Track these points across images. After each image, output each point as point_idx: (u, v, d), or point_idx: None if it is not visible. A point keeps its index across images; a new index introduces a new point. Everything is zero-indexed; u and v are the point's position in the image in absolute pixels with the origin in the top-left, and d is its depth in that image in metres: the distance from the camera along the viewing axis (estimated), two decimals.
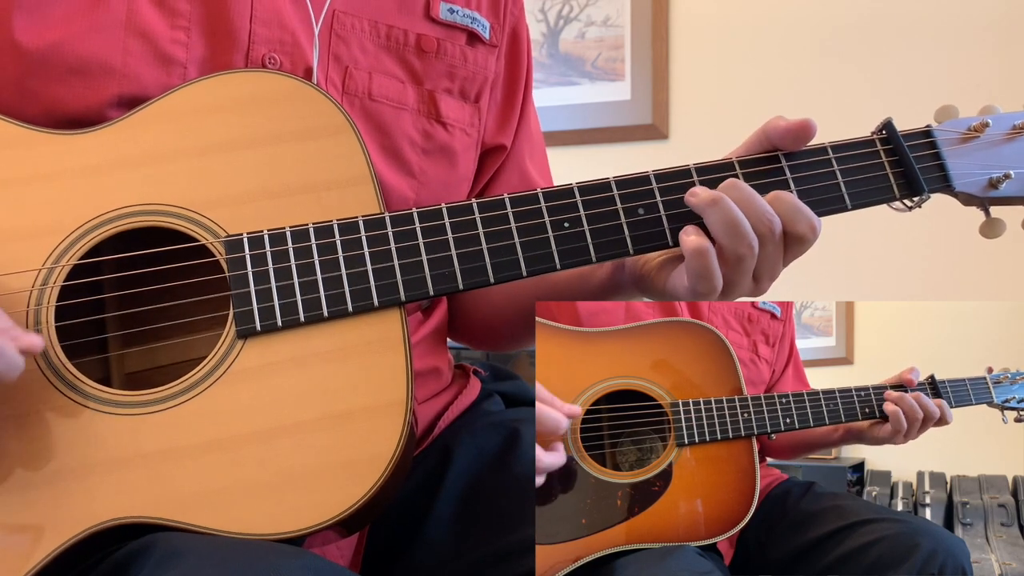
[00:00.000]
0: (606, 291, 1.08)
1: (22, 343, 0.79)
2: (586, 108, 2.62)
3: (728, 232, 0.89)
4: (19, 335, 0.80)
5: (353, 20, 1.04)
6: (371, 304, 0.88)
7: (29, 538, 0.80)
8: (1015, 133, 0.98)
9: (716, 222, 0.89)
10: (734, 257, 0.89)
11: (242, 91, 0.94)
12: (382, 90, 1.05)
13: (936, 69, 2.39)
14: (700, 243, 0.89)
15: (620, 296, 1.08)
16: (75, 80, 0.94)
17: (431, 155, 1.08)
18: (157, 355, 0.96)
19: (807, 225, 0.90)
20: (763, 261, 0.91)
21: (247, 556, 0.75)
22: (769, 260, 0.91)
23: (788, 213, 0.90)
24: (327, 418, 0.84)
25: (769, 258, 0.91)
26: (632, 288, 1.03)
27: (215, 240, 0.89)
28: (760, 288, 0.94)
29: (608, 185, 0.93)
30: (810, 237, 0.91)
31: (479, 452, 1.05)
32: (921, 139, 0.97)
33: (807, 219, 0.90)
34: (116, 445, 0.83)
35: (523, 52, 1.19)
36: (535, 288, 1.15)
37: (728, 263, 0.90)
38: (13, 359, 0.79)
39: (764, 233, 0.89)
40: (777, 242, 0.90)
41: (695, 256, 0.89)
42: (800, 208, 0.90)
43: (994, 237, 0.98)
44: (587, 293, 1.10)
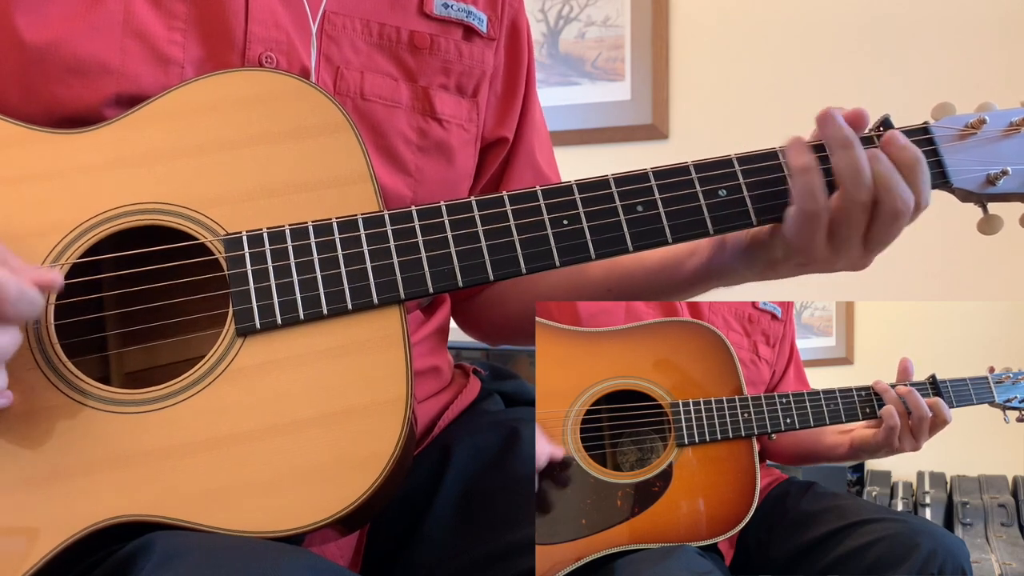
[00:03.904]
0: (700, 279, 1.06)
1: (42, 279, 0.80)
2: (586, 108, 2.62)
3: (852, 176, 0.91)
4: (36, 273, 0.81)
5: (344, 20, 1.04)
6: (371, 302, 0.88)
7: (29, 536, 0.80)
8: (1012, 130, 0.98)
9: (844, 165, 0.91)
10: (852, 203, 0.91)
11: (241, 90, 0.94)
12: (374, 89, 1.04)
13: (935, 68, 2.39)
14: (807, 161, 0.91)
15: (712, 284, 1.07)
16: (73, 79, 0.94)
17: (427, 152, 1.08)
18: (156, 354, 0.96)
19: (926, 197, 0.93)
20: (882, 228, 0.92)
21: (247, 555, 0.75)
22: (891, 230, 0.92)
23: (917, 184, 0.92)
24: (327, 416, 0.84)
25: (893, 228, 0.92)
26: (736, 262, 1.01)
27: (214, 238, 0.89)
28: (868, 260, 0.95)
29: (607, 183, 0.93)
30: (905, 212, 0.92)
31: (479, 451, 1.05)
32: (919, 135, 0.97)
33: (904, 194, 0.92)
34: (116, 443, 0.83)
35: (523, 44, 1.19)
36: (603, 284, 1.14)
37: (840, 211, 0.91)
38: (35, 298, 0.79)
39: (886, 188, 0.91)
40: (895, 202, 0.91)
41: (801, 172, 0.91)
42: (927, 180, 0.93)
43: (992, 233, 0.98)
44: (674, 286, 1.09)
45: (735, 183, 0.95)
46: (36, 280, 0.80)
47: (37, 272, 0.81)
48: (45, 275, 0.82)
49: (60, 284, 0.83)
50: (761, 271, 1.00)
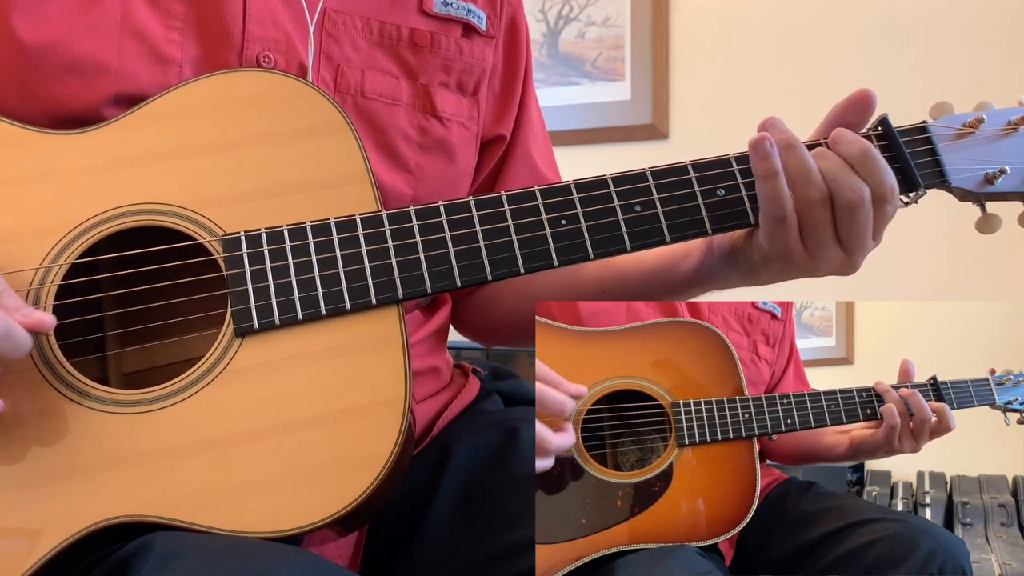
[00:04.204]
0: (693, 281, 1.06)
1: (31, 320, 0.80)
2: (586, 108, 2.62)
3: (800, 176, 0.91)
4: (28, 313, 0.81)
5: (345, 18, 1.04)
6: (369, 302, 0.88)
7: (28, 537, 0.80)
8: (1010, 129, 0.98)
9: (791, 165, 0.91)
10: (806, 202, 0.91)
11: (240, 90, 0.94)
12: (375, 87, 1.04)
13: (933, 67, 2.39)
14: (768, 166, 0.91)
15: (704, 287, 1.07)
16: (71, 79, 0.94)
17: (428, 150, 1.07)
18: (154, 354, 0.96)
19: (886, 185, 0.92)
20: (845, 223, 0.92)
21: (246, 555, 0.75)
22: (855, 224, 0.92)
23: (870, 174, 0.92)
24: (325, 416, 0.84)
25: (855, 221, 0.92)
26: (721, 265, 1.02)
27: (212, 239, 0.89)
28: (853, 262, 0.95)
29: (605, 182, 0.93)
30: (889, 197, 0.92)
31: (478, 451, 1.05)
32: (917, 135, 0.97)
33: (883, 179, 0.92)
34: (114, 444, 0.83)
35: (522, 43, 1.19)
36: (598, 285, 1.14)
37: (800, 212, 0.91)
38: (20, 338, 0.79)
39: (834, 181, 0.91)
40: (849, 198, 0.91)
41: (763, 179, 0.91)
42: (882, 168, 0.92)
43: (990, 232, 0.98)
44: (668, 289, 1.09)
45: (733, 183, 0.95)
46: (26, 322, 0.80)
47: (30, 314, 0.81)
48: (36, 317, 0.81)
49: (51, 327, 0.82)
50: (744, 276, 1.00)
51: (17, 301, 0.82)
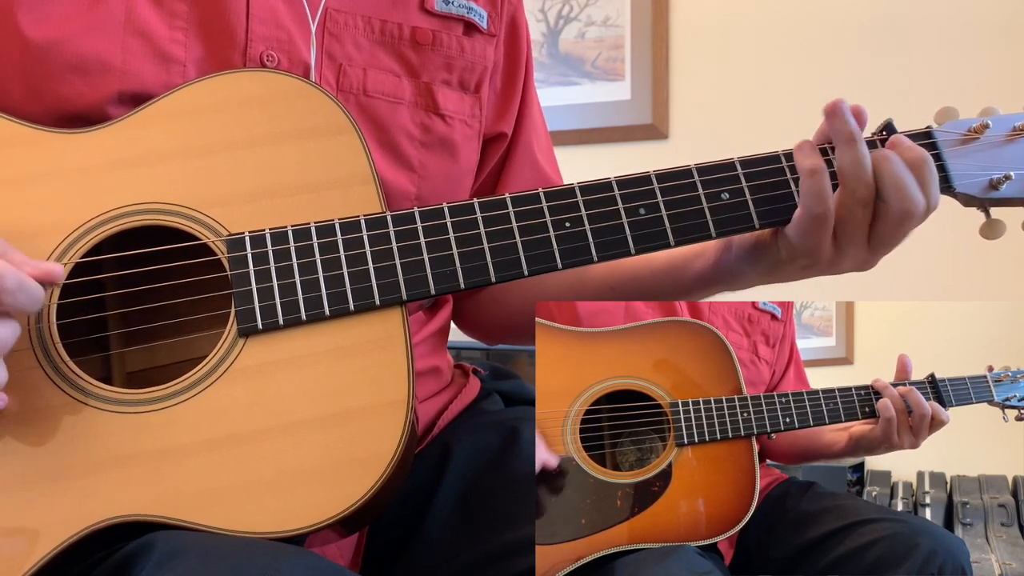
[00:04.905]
0: (707, 280, 1.06)
1: (40, 271, 0.80)
2: (586, 108, 2.62)
3: (854, 173, 0.91)
4: (37, 265, 0.81)
5: (346, 17, 1.04)
6: (373, 303, 0.88)
7: (29, 536, 0.80)
8: (1015, 135, 0.98)
9: (847, 161, 0.91)
10: (852, 200, 0.91)
11: (244, 91, 0.94)
12: (377, 85, 1.05)
13: (936, 70, 2.39)
14: (816, 163, 0.91)
15: (718, 287, 1.07)
16: (75, 78, 0.94)
17: (430, 148, 1.08)
18: (158, 354, 0.96)
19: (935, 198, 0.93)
20: (889, 226, 0.92)
21: (247, 555, 0.75)
22: (900, 230, 0.93)
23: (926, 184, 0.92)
24: (328, 417, 0.84)
25: (901, 229, 0.93)
26: (740, 263, 1.01)
27: (217, 239, 0.89)
28: (874, 260, 0.96)
29: (609, 185, 0.94)
30: (935, 208, 0.93)
31: (478, 451, 1.05)
32: (922, 140, 0.98)
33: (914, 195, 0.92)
34: (117, 443, 0.83)
35: (522, 41, 1.19)
36: (606, 283, 1.14)
37: (842, 209, 0.92)
38: (34, 289, 0.79)
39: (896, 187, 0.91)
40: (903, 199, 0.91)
41: (809, 175, 0.91)
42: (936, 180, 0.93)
43: (994, 238, 0.98)
44: (679, 288, 1.09)
45: (738, 186, 0.95)
46: (36, 273, 0.80)
47: (38, 265, 0.81)
48: (46, 268, 0.81)
49: (61, 276, 0.83)
50: (765, 273, 1.00)
51: (23, 256, 0.82)
